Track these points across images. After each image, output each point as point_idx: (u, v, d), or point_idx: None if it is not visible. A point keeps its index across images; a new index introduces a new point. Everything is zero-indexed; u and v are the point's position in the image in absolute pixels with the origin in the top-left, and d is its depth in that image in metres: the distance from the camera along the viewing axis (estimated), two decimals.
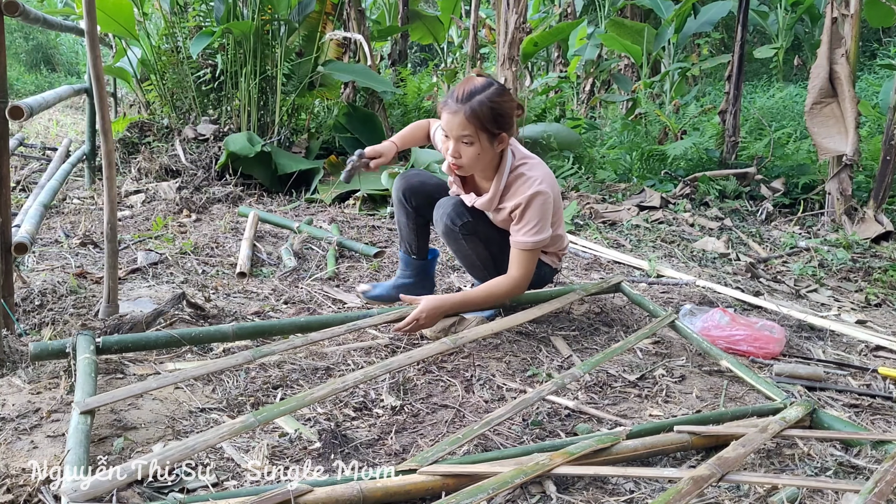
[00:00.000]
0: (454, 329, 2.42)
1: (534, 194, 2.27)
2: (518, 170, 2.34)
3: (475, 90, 2.20)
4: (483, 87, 2.21)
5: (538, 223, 2.30)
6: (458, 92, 2.21)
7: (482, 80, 2.24)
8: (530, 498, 1.54)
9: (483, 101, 2.18)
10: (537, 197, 2.28)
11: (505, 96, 2.24)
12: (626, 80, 8.40)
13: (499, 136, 2.25)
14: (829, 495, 1.60)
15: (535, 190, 2.27)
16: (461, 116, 2.19)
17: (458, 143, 2.25)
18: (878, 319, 3.04)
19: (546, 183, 2.31)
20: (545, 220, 2.31)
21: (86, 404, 1.65)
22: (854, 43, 4.55)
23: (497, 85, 2.24)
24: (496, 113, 2.21)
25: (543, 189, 2.29)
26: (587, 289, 2.65)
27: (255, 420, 1.62)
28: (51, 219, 3.87)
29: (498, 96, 2.21)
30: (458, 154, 2.27)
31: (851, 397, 2.19)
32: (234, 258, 3.31)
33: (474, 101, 2.18)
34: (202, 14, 5.66)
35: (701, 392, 2.15)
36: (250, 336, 2.20)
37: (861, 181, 5.16)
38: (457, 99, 2.21)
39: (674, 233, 4.41)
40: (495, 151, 2.29)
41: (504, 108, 2.23)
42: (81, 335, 1.98)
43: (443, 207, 2.46)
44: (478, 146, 2.24)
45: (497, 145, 2.27)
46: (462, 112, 2.19)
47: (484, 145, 2.24)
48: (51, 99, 3.05)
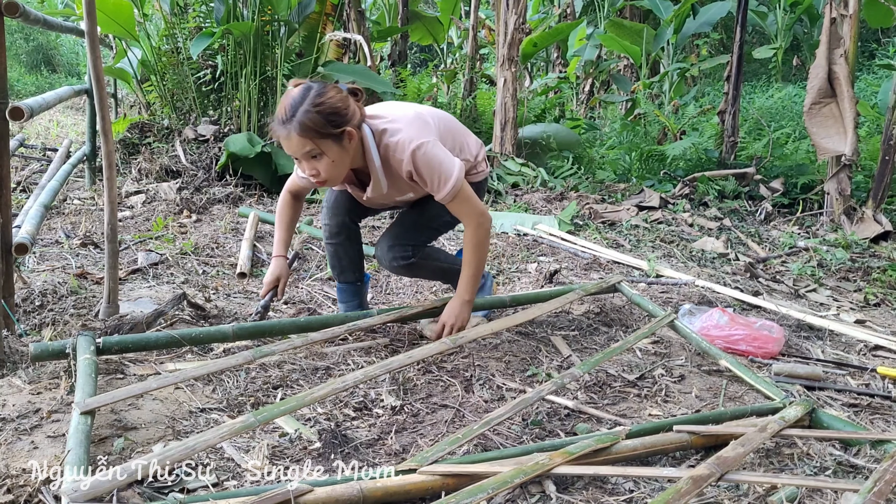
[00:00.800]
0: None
1: (413, 153, 2.12)
2: (384, 143, 2.17)
3: (295, 103, 2.03)
4: (301, 95, 2.03)
5: (440, 169, 2.14)
6: (280, 112, 2.04)
7: (299, 90, 2.06)
8: (530, 497, 1.54)
9: (307, 110, 2.01)
10: (418, 152, 2.12)
11: (327, 94, 2.05)
12: (625, 81, 8.40)
13: (344, 134, 2.07)
14: (828, 495, 1.60)
15: (411, 149, 2.12)
16: (294, 135, 2.02)
17: (307, 161, 2.09)
18: (876, 319, 3.04)
19: (414, 132, 2.15)
20: (443, 161, 2.15)
21: (86, 405, 1.65)
22: (853, 43, 4.56)
23: (315, 86, 2.07)
24: (326, 114, 2.03)
25: (417, 142, 2.12)
26: (586, 289, 2.66)
27: (256, 420, 1.62)
28: (51, 219, 3.87)
29: (319, 97, 2.03)
30: (315, 171, 2.11)
31: (850, 397, 2.19)
32: (234, 258, 3.31)
33: (298, 114, 2.01)
34: (202, 15, 5.66)
35: (700, 392, 2.16)
36: (250, 336, 2.21)
37: (860, 181, 5.17)
38: (281, 121, 2.03)
39: (673, 233, 4.41)
40: (350, 147, 2.11)
41: (332, 106, 2.04)
42: (82, 336, 1.98)
43: (381, 248, 2.44)
44: (329, 154, 2.07)
45: (348, 142, 2.09)
46: (292, 130, 2.01)
47: (334, 150, 2.07)
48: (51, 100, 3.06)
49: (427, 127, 2.21)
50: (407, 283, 3.13)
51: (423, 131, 2.18)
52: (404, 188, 2.29)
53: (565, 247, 3.87)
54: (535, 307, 2.46)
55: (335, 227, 2.47)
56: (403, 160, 2.13)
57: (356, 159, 2.18)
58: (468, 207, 2.22)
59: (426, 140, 2.14)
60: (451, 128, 2.37)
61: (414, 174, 2.16)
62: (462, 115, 7.65)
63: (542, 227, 4.20)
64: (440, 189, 2.16)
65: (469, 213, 2.22)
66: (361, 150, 2.17)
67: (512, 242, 3.94)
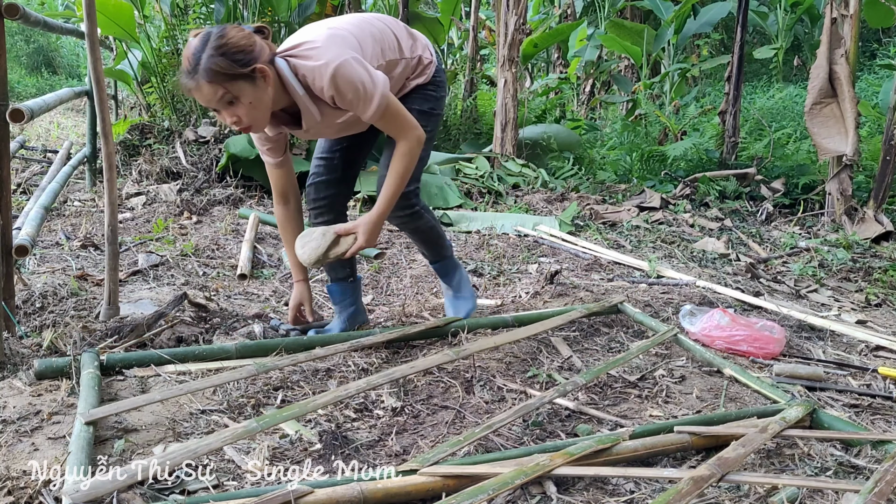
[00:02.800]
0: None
1: (332, 78, 1.97)
2: (301, 73, 2.02)
3: (197, 51, 1.90)
4: (202, 42, 1.91)
5: (362, 88, 1.99)
6: (185, 64, 1.92)
7: (198, 38, 1.94)
8: (531, 498, 1.54)
9: (211, 55, 1.88)
10: (336, 75, 1.96)
11: (227, 35, 1.92)
12: (625, 81, 8.40)
13: (256, 72, 1.93)
14: (829, 495, 1.60)
15: (329, 74, 1.96)
16: (203, 84, 1.89)
17: (225, 109, 1.96)
18: (878, 319, 3.04)
19: (329, 54, 1.98)
20: (363, 79, 1.99)
21: (90, 415, 1.65)
22: (853, 43, 4.56)
23: (213, 30, 1.94)
24: (231, 55, 1.89)
25: (333, 64, 1.96)
26: (588, 308, 2.65)
27: (258, 425, 1.63)
28: (52, 221, 3.87)
29: (220, 39, 1.91)
30: (236, 118, 1.97)
31: (851, 397, 2.19)
32: (234, 260, 3.32)
33: (203, 61, 1.88)
34: (202, 16, 5.67)
35: (701, 392, 2.15)
36: (253, 354, 2.19)
37: (861, 181, 5.16)
38: (187, 73, 1.91)
39: (674, 233, 4.41)
40: (266, 85, 1.96)
41: (235, 45, 1.91)
42: (86, 352, 2.01)
43: None
44: (244, 97, 1.94)
45: (262, 80, 1.95)
46: (200, 79, 1.89)
47: (248, 91, 1.93)
48: (51, 102, 3.06)
49: (343, 43, 2.04)
50: (408, 283, 3.13)
51: (339, 49, 2.00)
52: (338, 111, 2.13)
53: (566, 248, 3.87)
54: (538, 324, 2.44)
55: (322, 204, 2.39)
56: (324, 87, 1.98)
57: (279, 99, 2.04)
58: (398, 122, 2.09)
59: (342, 59, 1.97)
60: (373, 30, 2.17)
61: (336, 99, 2.02)
62: (463, 115, 7.65)
63: (542, 228, 4.19)
64: (365, 109, 2.02)
65: (399, 127, 2.10)
66: (282, 87, 2.02)
67: (513, 243, 3.93)
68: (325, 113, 2.11)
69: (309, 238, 2.17)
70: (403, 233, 2.43)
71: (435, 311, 2.76)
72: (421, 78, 2.29)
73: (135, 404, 1.76)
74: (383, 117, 2.06)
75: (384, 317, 2.71)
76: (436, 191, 4.83)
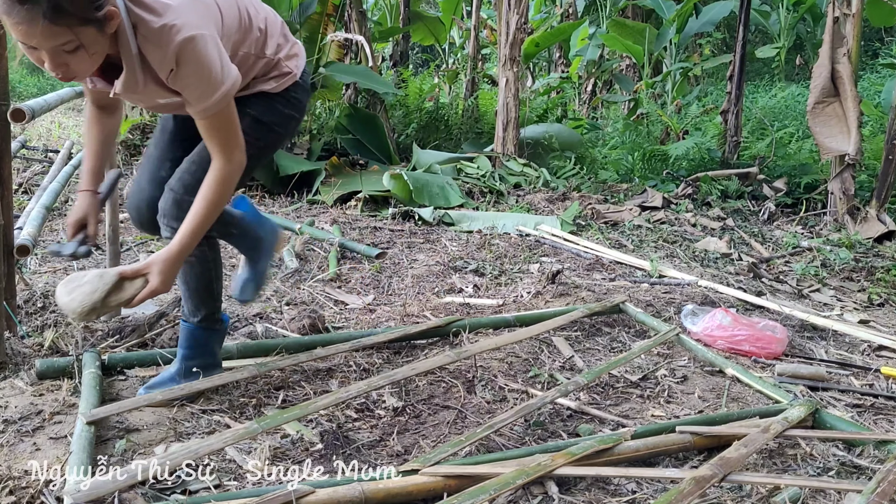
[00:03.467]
0: None
1: (182, 45, 1.55)
2: (144, 26, 1.56)
3: None
4: None
5: (209, 75, 1.59)
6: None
7: None
8: (532, 499, 1.54)
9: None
10: (189, 45, 1.56)
11: None
12: (627, 81, 8.40)
13: (105, 15, 1.49)
14: (831, 495, 1.59)
15: (180, 40, 1.54)
16: (39, 22, 1.41)
17: (56, 56, 1.49)
18: (880, 319, 3.03)
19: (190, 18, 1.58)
20: (214, 67, 1.59)
21: (92, 415, 1.66)
22: (856, 42, 4.55)
23: None
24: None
25: (190, 32, 1.55)
26: (590, 308, 2.65)
27: (259, 427, 1.63)
28: (53, 221, 3.87)
29: None
30: (63, 66, 1.52)
31: (854, 397, 2.19)
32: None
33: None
34: None
35: (703, 392, 2.15)
36: (254, 354, 2.20)
37: (863, 181, 5.15)
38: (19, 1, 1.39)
39: (676, 233, 4.40)
40: (109, 33, 1.53)
41: None
42: (87, 352, 2.01)
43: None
44: (88, 46, 1.50)
45: (108, 25, 1.51)
46: (39, 14, 1.40)
47: (92, 38, 1.50)
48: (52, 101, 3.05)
49: (207, 13, 1.65)
50: (409, 283, 3.13)
51: (198, 19, 1.60)
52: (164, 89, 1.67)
53: (568, 247, 3.86)
54: (539, 325, 2.44)
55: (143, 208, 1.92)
56: (167, 54, 1.56)
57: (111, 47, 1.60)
58: (226, 135, 1.68)
59: (199, 33, 1.57)
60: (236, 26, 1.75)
61: (171, 76, 1.60)
62: (464, 115, 7.65)
63: (544, 228, 4.19)
64: (199, 101, 1.63)
65: (224, 142, 1.69)
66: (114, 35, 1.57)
67: (514, 243, 3.93)
68: (148, 86, 1.66)
69: (79, 282, 1.63)
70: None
71: (437, 310, 2.76)
72: (270, 84, 1.87)
73: (136, 404, 1.77)
74: (213, 121, 1.66)
75: (385, 317, 2.71)
76: (437, 190, 4.83)
